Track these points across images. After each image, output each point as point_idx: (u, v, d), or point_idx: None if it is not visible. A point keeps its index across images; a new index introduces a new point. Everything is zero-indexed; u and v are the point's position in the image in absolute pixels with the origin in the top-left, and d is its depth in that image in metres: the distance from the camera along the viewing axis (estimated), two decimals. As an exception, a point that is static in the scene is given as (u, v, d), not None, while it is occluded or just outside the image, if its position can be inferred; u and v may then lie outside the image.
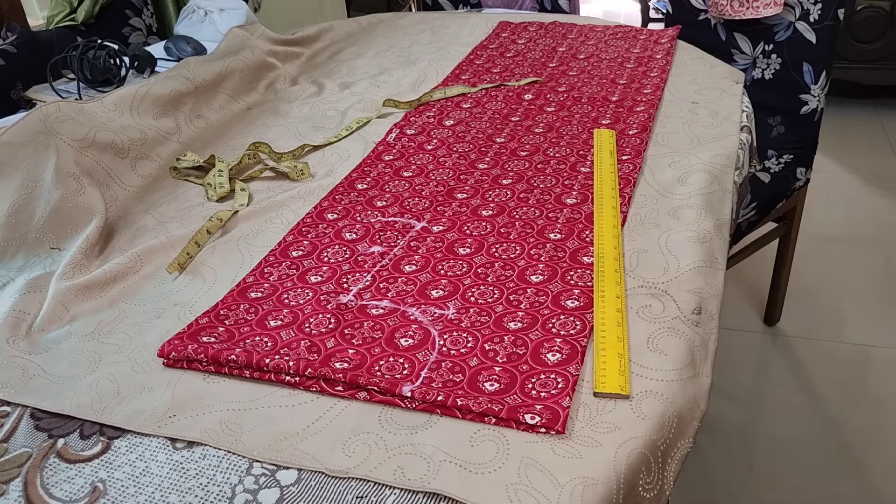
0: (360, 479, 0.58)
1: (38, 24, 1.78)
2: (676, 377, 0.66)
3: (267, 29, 1.52)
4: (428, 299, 0.77)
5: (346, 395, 0.65)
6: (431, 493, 0.56)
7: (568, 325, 0.72)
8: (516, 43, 1.56)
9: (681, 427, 0.64)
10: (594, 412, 0.62)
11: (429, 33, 1.67)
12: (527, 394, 0.64)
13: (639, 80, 1.31)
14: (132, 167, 1.06)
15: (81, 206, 0.93)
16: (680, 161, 1.02)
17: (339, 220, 0.93)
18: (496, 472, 0.57)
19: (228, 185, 1.02)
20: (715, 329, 0.76)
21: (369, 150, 1.12)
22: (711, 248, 0.84)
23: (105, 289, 0.83)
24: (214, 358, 0.68)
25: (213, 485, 0.59)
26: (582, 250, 0.83)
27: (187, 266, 0.86)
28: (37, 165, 0.94)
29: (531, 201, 0.95)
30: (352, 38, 1.69)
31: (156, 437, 0.63)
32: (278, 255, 0.86)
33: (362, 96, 1.33)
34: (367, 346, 0.71)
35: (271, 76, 1.43)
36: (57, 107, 1.00)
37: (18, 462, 0.62)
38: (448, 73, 1.40)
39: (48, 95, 1.37)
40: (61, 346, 0.75)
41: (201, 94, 1.26)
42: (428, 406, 0.63)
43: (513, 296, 0.77)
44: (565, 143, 1.09)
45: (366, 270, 0.82)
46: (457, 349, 0.70)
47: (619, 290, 0.76)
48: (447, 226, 0.91)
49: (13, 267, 0.88)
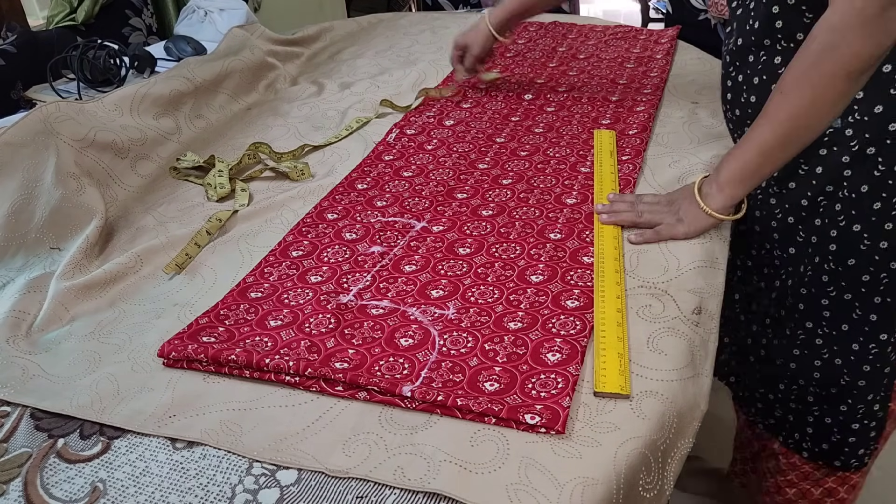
0: (360, 479, 0.58)
1: (38, 24, 1.78)
2: (676, 377, 0.66)
3: (267, 29, 1.52)
4: (428, 299, 0.77)
5: (346, 395, 0.65)
6: (431, 493, 0.56)
7: (568, 325, 0.72)
8: (516, 43, 1.56)
9: (681, 427, 0.64)
10: (594, 412, 0.62)
11: (429, 33, 1.67)
12: (527, 394, 0.64)
13: (639, 80, 1.31)
14: (132, 167, 1.06)
15: (81, 206, 0.93)
16: (680, 161, 1.02)
17: (339, 220, 0.93)
18: (496, 472, 0.57)
19: (229, 186, 1.02)
20: (715, 329, 0.76)
21: (369, 150, 1.12)
22: (711, 248, 0.84)
23: (105, 289, 0.83)
24: (214, 358, 0.68)
25: (213, 485, 0.59)
26: (582, 250, 0.83)
27: (186, 266, 0.86)
28: (37, 165, 0.94)
29: (531, 201, 0.95)
30: (352, 38, 1.69)
31: (156, 437, 0.63)
32: (278, 255, 0.86)
33: (362, 96, 1.33)
34: (367, 345, 0.71)
35: (271, 76, 1.42)
36: (57, 107, 1.00)
37: (18, 462, 0.62)
38: (448, 73, 1.40)
39: (48, 95, 1.37)
40: (61, 346, 0.75)
41: (201, 94, 1.26)
42: (428, 406, 0.63)
43: (513, 296, 0.77)
44: (565, 143, 1.09)
45: (366, 270, 0.82)
46: (457, 349, 0.70)
47: (620, 290, 0.76)
48: (447, 226, 0.90)
49: (13, 267, 0.88)
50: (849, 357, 0.94)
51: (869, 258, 0.86)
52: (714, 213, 0.82)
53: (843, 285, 0.89)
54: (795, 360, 0.99)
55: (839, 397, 0.97)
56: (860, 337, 0.92)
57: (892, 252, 0.85)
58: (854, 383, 0.95)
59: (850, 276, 0.88)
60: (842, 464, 1.01)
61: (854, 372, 0.94)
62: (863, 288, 0.88)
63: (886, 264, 0.86)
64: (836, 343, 0.94)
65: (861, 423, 0.97)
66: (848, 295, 0.90)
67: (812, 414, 1.01)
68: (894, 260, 0.86)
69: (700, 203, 0.82)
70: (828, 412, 0.99)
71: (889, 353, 0.92)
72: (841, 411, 0.98)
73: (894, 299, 0.88)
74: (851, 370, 0.94)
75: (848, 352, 0.93)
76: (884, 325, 0.90)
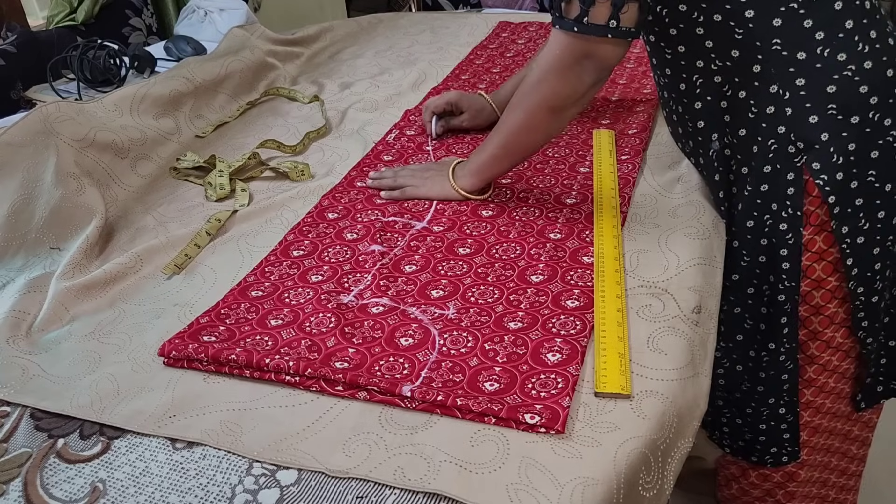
0: (360, 479, 0.58)
1: (38, 24, 1.78)
2: (676, 377, 0.66)
3: (267, 29, 1.52)
4: (428, 299, 0.77)
5: (347, 395, 0.65)
6: (431, 493, 0.56)
7: (568, 325, 0.72)
8: (516, 43, 1.56)
9: (681, 426, 0.64)
10: (594, 412, 0.62)
11: (429, 33, 1.67)
12: (527, 394, 0.64)
13: (638, 80, 1.31)
14: (132, 167, 1.06)
15: (81, 206, 0.93)
16: (680, 161, 1.02)
17: (339, 220, 0.93)
18: (496, 472, 0.57)
19: (229, 186, 1.02)
20: (714, 328, 0.76)
21: (368, 150, 1.12)
22: (710, 245, 0.84)
23: (105, 289, 0.83)
24: (215, 357, 0.68)
25: (213, 485, 0.59)
26: (582, 250, 0.83)
27: (185, 267, 0.86)
28: (37, 165, 0.94)
29: (531, 201, 0.95)
30: (352, 38, 1.69)
31: (156, 437, 0.63)
32: (279, 255, 0.86)
33: (362, 96, 1.33)
34: (368, 345, 0.71)
35: (271, 76, 1.42)
36: (57, 107, 1.00)
37: (18, 462, 0.62)
38: (448, 73, 1.40)
39: (48, 95, 1.37)
40: (61, 346, 0.75)
41: (201, 94, 1.26)
42: (428, 406, 0.63)
43: (513, 296, 0.77)
44: (564, 144, 1.09)
45: (366, 270, 0.82)
46: (457, 349, 0.70)
47: (620, 289, 0.76)
48: (447, 225, 0.90)
49: (13, 267, 0.88)
50: (747, 363, 0.99)
51: (750, 272, 0.93)
52: (461, 192, 0.94)
53: (731, 299, 0.96)
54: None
55: (743, 401, 1.02)
56: (753, 345, 0.97)
57: (770, 266, 0.90)
58: (754, 388, 0.99)
59: (737, 289, 0.95)
60: (758, 459, 1.05)
61: (752, 378, 0.99)
62: (749, 300, 0.95)
63: (766, 278, 0.92)
64: (735, 352, 1.00)
65: (769, 423, 1.00)
66: (738, 308, 0.97)
67: (724, 415, 1.06)
68: (772, 273, 0.90)
69: (451, 180, 0.95)
70: (737, 414, 1.04)
71: (783, 361, 0.94)
72: (747, 413, 1.02)
73: (777, 310, 0.91)
74: (750, 376, 1.00)
75: (746, 359, 0.99)
76: (771, 334, 0.94)
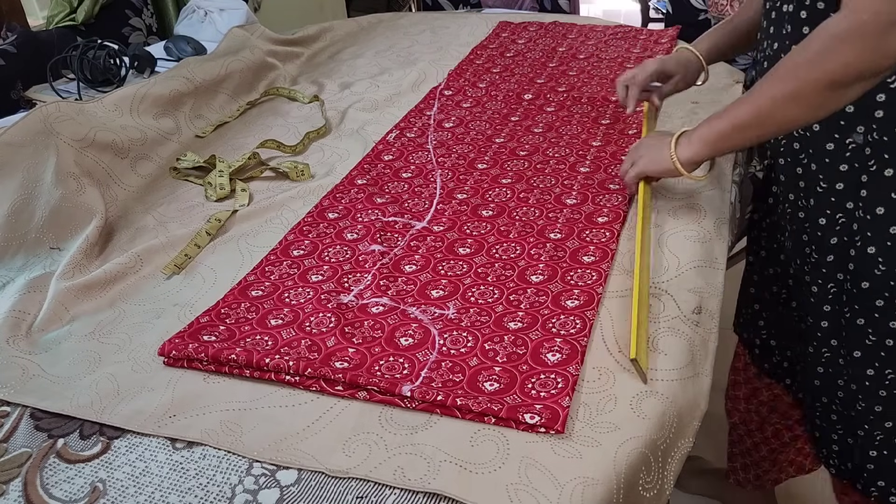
0: (360, 479, 0.58)
1: (38, 24, 1.78)
2: (677, 377, 0.66)
3: (267, 29, 1.53)
4: (428, 299, 0.77)
5: (347, 395, 0.65)
6: (431, 493, 0.56)
7: (568, 325, 0.72)
8: (516, 43, 1.56)
9: (681, 426, 0.64)
10: (594, 412, 0.62)
11: (429, 33, 1.67)
12: (527, 394, 0.64)
13: (639, 79, 1.31)
14: (132, 167, 1.06)
15: (81, 206, 0.93)
16: (680, 161, 1.01)
17: (339, 220, 0.93)
18: (496, 472, 0.57)
19: (229, 186, 1.02)
20: (715, 328, 0.76)
21: (368, 150, 1.12)
22: (711, 247, 0.84)
23: (105, 289, 0.83)
24: (215, 357, 0.68)
25: (213, 485, 0.59)
26: (582, 250, 0.83)
27: (185, 267, 0.86)
28: (37, 165, 0.94)
29: (531, 201, 0.95)
30: (352, 38, 1.69)
31: (156, 437, 0.63)
32: (279, 255, 0.86)
33: (362, 96, 1.33)
34: (368, 345, 0.71)
35: (271, 76, 1.42)
36: (57, 107, 1.00)
37: (18, 462, 0.62)
38: (448, 73, 1.40)
39: (48, 95, 1.37)
40: (61, 346, 0.75)
41: (201, 94, 1.25)
42: (428, 406, 0.63)
43: (513, 296, 0.77)
44: (565, 143, 1.09)
45: (366, 270, 0.82)
46: (457, 349, 0.70)
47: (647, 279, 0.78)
48: (447, 225, 0.90)
49: (13, 267, 0.88)
50: (864, 382, 0.89)
51: (884, 283, 0.83)
52: (677, 163, 0.84)
53: (856, 308, 0.86)
54: (819, 378, 0.95)
55: (858, 421, 0.92)
56: (875, 362, 0.87)
57: None
58: (871, 408, 0.90)
59: (864, 299, 0.85)
60: (863, 488, 0.96)
61: (869, 397, 0.90)
62: (876, 313, 0.85)
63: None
64: (852, 367, 0.90)
65: (880, 451, 0.91)
66: (861, 320, 0.86)
67: (837, 432, 0.97)
68: None
69: (672, 148, 0.85)
70: (849, 433, 0.95)
71: None
72: (859, 435, 0.93)
73: None
74: (867, 395, 0.90)
75: (863, 377, 0.89)
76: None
